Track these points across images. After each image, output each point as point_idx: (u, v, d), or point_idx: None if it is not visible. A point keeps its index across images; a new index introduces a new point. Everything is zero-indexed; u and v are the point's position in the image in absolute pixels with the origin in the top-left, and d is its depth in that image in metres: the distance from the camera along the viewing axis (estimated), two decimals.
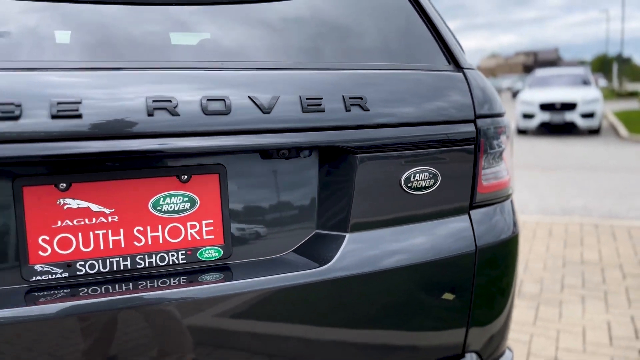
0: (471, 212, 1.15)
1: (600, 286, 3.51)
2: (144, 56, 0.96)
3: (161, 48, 1.01)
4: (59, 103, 0.82)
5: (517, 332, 2.90)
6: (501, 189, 1.22)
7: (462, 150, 1.12)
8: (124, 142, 0.86)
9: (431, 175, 1.08)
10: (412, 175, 1.06)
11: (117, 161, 0.91)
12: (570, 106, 12.67)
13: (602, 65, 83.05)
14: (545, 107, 12.83)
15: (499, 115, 1.18)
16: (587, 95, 12.80)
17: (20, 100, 0.81)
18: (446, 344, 1.14)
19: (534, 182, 7.30)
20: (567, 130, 13.31)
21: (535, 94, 13.36)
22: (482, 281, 1.14)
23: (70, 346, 0.85)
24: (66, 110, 0.82)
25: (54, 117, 0.82)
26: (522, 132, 13.71)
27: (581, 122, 12.70)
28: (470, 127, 1.12)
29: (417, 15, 1.21)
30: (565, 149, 10.92)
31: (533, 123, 13.06)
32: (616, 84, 43.99)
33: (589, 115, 12.68)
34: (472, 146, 1.12)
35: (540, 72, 15.51)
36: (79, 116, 0.83)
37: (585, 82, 14.00)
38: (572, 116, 12.67)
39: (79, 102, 0.84)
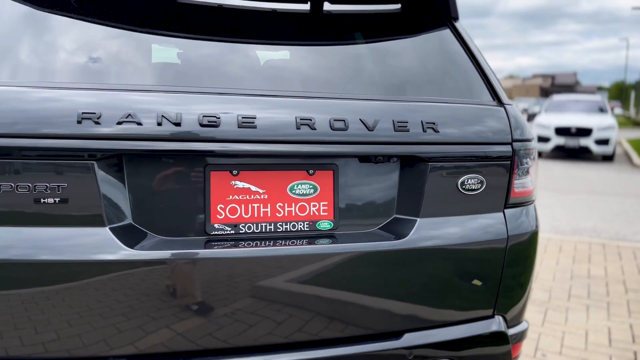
0: (505, 210, 1.55)
1: (604, 298, 3.86)
2: (293, 87, 1.40)
3: (304, 82, 1.46)
4: (243, 117, 1.25)
5: None
6: (527, 195, 1.63)
7: (501, 164, 1.53)
8: (278, 146, 1.29)
9: (479, 181, 1.49)
10: (466, 180, 1.47)
11: (271, 158, 1.33)
12: (585, 132, 13.00)
13: (619, 92, 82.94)
14: (560, 131, 13.18)
15: (529, 140, 1.59)
16: (603, 123, 13.14)
17: (220, 114, 1.24)
18: (482, 306, 1.54)
19: (547, 203, 7.64)
20: (582, 155, 13.64)
21: (552, 118, 13.71)
22: (510, 262, 1.54)
23: (233, 277, 1.27)
24: (247, 123, 1.25)
25: (239, 126, 1.25)
26: (537, 154, 14.03)
27: (595, 148, 13.03)
28: (507, 148, 1.53)
29: (472, 64, 1.63)
30: (579, 173, 11.24)
31: (548, 146, 13.40)
32: (633, 112, 44.06)
33: (603, 142, 13.01)
34: (509, 162, 1.53)
35: (557, 97, 15.88)
36: (255, 127, 1.26)
37: (602, 110, 14.34)
38: (587, 142, 13.00)
39: (254, 118, 1.26)
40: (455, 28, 1.72)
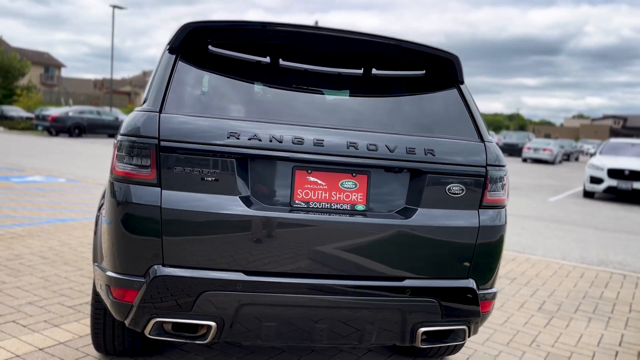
0: (479, 209, 2.37)
1: (607, 314, 4.46)
2: (346, 122, 2.31)
3: (353, 119, 2.38)
4: (317, 140, 2.16)
5: (528, 328, 3.95)
6: (499, 202, 2.44)
7: (477, 179, 2.35)
8: (335, 158, 2.18)
9: (461, 189, 2.32)
10: (452, 187, 2.31)
11: (331, 165, 2.24)
12: (639, 175, 13.15)
13: None
14: (613, 173, 13.38)
15: (500, 166, 2.41)
16: None
17: (304, 138, 2.16)
18: (460, 269, 2.35)
19: (583, 238, 8.11)
20: (634, 198, 13.73)
21: (606, 160, 13.93)
22: (480, 244, 2.35)
23: (303, 231, 2.16)
24: (318, 144, 2.16)
25: (314, 145, 2.16)
26: (589, 194, 14.24)
27: None
28: (482, 170, 2.35)
29: (468, 115, 2.49)
30: (627, 215, 11.45)
31: (600, 187, 13.62)
32: None
33: None
34: (483, 179, 2.35)
35: (613, 140, 16.02)
36: (323, 146, 2.17)
37: None
38: None
39: (323, 140, 2.18)
40: (460, 89, 2.58)
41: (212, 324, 2.15)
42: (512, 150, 35.37)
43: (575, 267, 6.07)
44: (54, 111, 27.71)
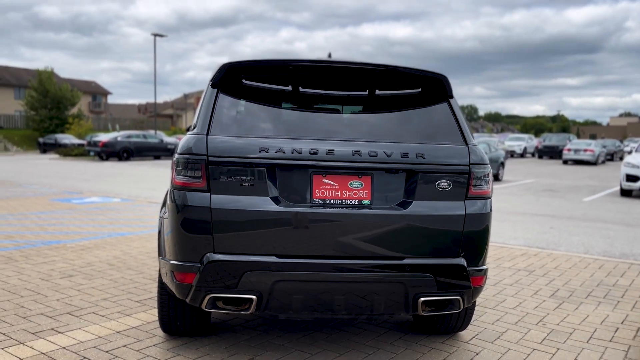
0: (465, 200, 2.89)
1: (617, 298, 4.80)
2: (353, 135, 2.88)
3: (358, 131, 2.94)
4: (328, 150, 2.74)
5: (538, 311, 4.36)
6: (484, 194, 2.95)
7: (462, 175, 2.88)
8: (344, 164, 2.75)
9: (448, 184, 2.85)
10: (441, 182, 2.84)
11: (341, 169, 2.81)
12: None
13: None
14: None
15: (482, 164, 2.93)
16: None
17: (318, 149, 2.76)
18: (452, 250, 2.86)
19: (611, 234, 8.32)
20: None
21: None
22: (467, 227, 2.86)
23: (321, 222, 2.73)
24: (330, 152, 2.73)
25: (326, 154, 2.74)
26: (625, 193, 14.20)
27: None
28: (466, 168, 2.87)
29: (455, 123, 3.02)
30: None
31: (636, 185, 13.59)
32: None
33: None
34: (467, 175, 2.88)
35: None
36: (333, 154, 2.75)
37: None
38: None
39: (333, 150, 2.76)
40: (449, 102, 3.12)
41: (253, 297, 2.75)
42: (553, 152, 34.90)
43: (597, 259, 6.37)
44: (103, 137, 29.38)
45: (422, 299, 2.83)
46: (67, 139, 38.02)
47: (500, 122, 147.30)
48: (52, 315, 3.90)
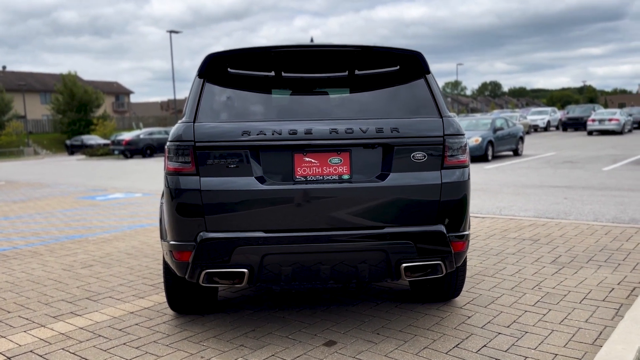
0: (442, 170, 3.02)
1: (618, 261, 4.85)
2: (331, 115, 3.04)
3: (335, 111, 3.11)
4: (306, 130, 2.91)
5: (536, 277, 4.46)
6: (461, 163, 3.08)
7: (437, 147, 3.00)
8: (323, 142, 2.91)
9: (424, 155, 2.99)
10: (416, 154, 2.97)
11: (320, 147, 2.97)
12: None
13: None
14: None
15: (456, 135, 3.06)
16: None
17: (297, 129, 2.93)
18: (430, 217, 3.00)
19: (626, 202, 8.26)
20: None
21: None
22: (445, 197, 2.99)
23: (304, 197, 2.91)
24: (308, 132, 2.90)
25: (305, 134, 2.91)
26: None
27: None
28: (440, 139, 3.00)
29: (431, 97, 3.14)
30: None
31: None
32: None
33: None
34: (441, 145, 3.01)
35: None
36: (312, 134, 2.91)
37: None
38: None
39: (312, 129, 2.92)
40: (426, 78, 3.24)
41: (245, 270, 2.95)
42: (577, 124, 34.17)
43: (605, 226, 6.38)
44: (126, 135, 30.10)
45: (404, 264, 2.99)
46: (92, 139, 39.02)
47: (525, 97, 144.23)
48: (71, 301, 4.19)
